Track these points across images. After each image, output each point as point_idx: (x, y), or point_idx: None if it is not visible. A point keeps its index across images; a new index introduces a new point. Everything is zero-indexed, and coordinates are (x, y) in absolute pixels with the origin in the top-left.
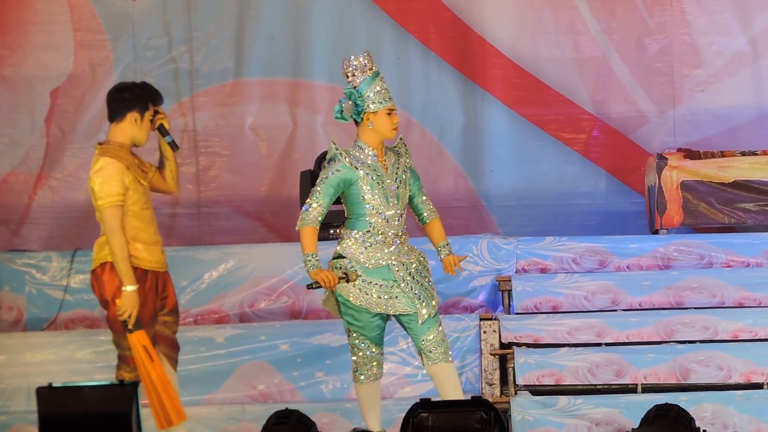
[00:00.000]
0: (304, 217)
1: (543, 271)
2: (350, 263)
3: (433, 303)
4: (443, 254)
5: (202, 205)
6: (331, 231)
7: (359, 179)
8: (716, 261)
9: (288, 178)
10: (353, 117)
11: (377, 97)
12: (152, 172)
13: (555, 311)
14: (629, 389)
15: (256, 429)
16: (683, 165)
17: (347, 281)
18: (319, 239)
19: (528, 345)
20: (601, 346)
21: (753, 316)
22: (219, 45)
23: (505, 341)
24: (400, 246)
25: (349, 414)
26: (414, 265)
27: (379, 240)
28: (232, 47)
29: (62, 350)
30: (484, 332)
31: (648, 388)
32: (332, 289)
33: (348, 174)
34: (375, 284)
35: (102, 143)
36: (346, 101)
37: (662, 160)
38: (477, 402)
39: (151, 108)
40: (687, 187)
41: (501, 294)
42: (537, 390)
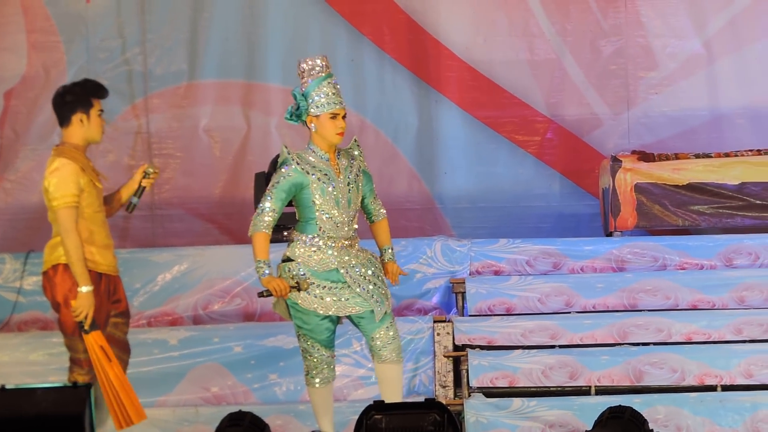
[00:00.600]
0: (257, 223)
1: (497, 274)
2: (299, 267)
3: (387, 302)
4: (386, 258)
5: (156, 207)
6: (285, 233)
7: (310, 183)
8: (670, 263)
9: (242, 180)
10: (298, 120)
11: (321, 100)
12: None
13: (509, 313)
14: (583, 391)
15: (210, 431)
16: (637, 167)
17: (299, 290)
18: (272, 241)
19: (481, 347)
20: (555, 348)
21: (707, 319)
22: (173, 47)
23: (459, 343)
24: (350, 249)
25: (303, 416)
26: (365, 266)
27: (329, 244)
28: (186, 49)
29: (15, 352)
30: (438, 334)
31: (601, 390)
32: (284, 297)
33: (299, 178)
34: (324, 287)
35: (57, 145)
36: (295, 103)
37: (616, 163)
38: (430, 404)
39: (97, 103)
40: (641, 190)
41: (455, 296)
42: (490, 392)
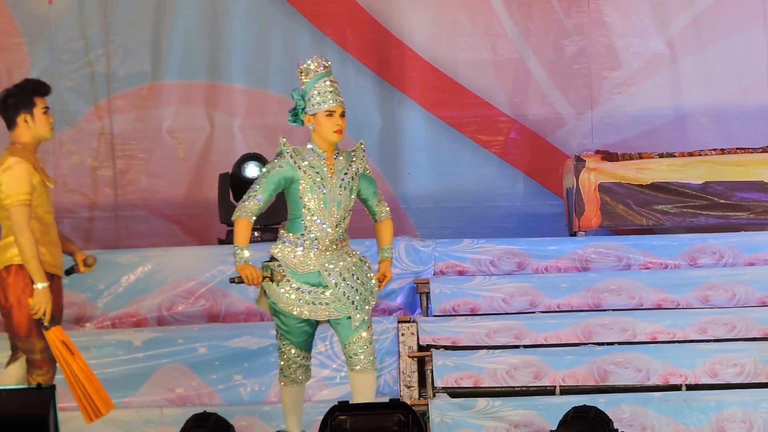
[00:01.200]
0: (240, 209)
1: (461, 274)
2: (280, 266)
3: (367, 308)
4: (381, 257)
5: (120, 209)
6: (256, 234)
7: (300, 179)
8: (634, 263)
9: (206, 181)
10: (297, 120)
11: (317, 99)
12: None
13: (473, 313)
14: (548, 391)
15: None
16: (601, 167)
17: (272, 280)
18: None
19: (446, 347)
20: (520, 348)
21: (671, 318)
22: (136, 48)
23: (423, 343)
24: (336, 251)
25: (268, 417)
26: (349, 270)
27: (313, 245)
28: (149, 50)
29: None
30: (402, 335)
31: (566, 390)
32: (256, 287)
33: (289, 172)
34: (303, 290)
35: (9, 146)
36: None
37: (580, 162)
38: (395, 404)
39: (40, 101)
40: (605, 189)
41: (419, 296)
42: (455, 392)
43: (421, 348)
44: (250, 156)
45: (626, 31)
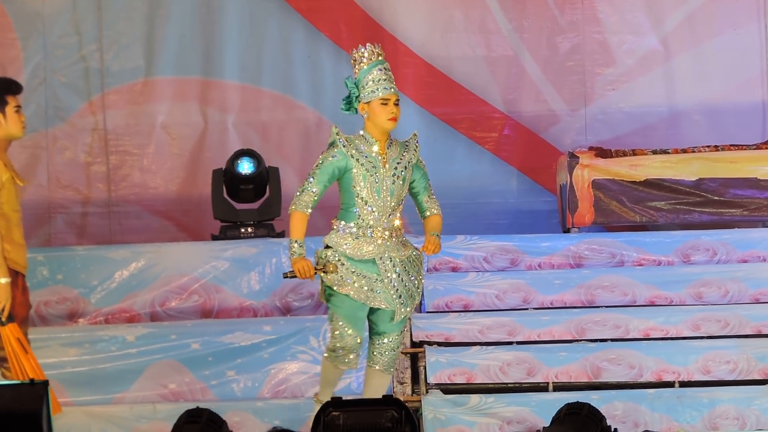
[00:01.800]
0: (297, 202)
1: (454, 270)
2: (336, 254)
3: (411, 305)
4: (429, 235)
5: (113, 204)
6: (242, 230)
7: (353, 168)
8: (628, 259)
9: (199, 177)
10: (351, 108)
11: (371, 87)
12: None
13: (466, 310)
14: (540, 388)
15: (167, 428)
16: (595, 163)
17: (325, 273)
18: (227, 238)
19: (439, 344)
20: (513, 345)
21: (664, 315)
22: (129, 43)
23: (417, 340)
24: (390, 240)
25: (261, 413)
26: (402, 262)
27: (368, 233)
28: (143, 45)
29: None
30: None
31: (559, 387)
32: (310, 279)
33: (342, 161)
34: (359, 274)
35: None
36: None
37: (573, 159)
38: (388, 401)
39: (11, 100)
40: (598, 186)
41: None
42: (448, 389)
43: (414, 344)
44: (244, 152)
45: (620, 28)
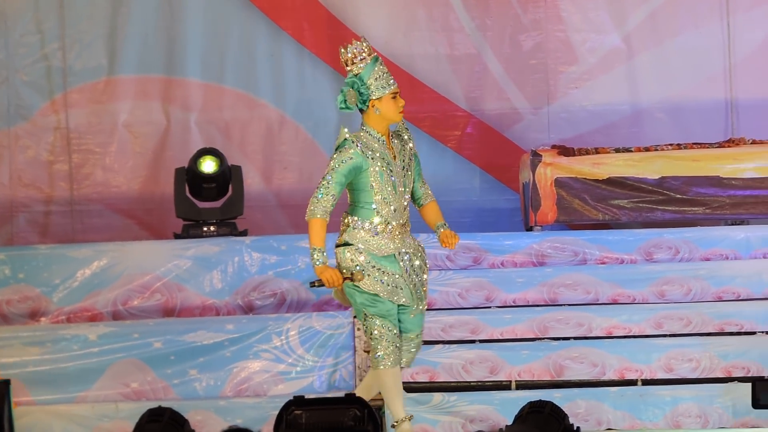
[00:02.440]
0: (314, 209)
1: None
2: (360, 253)
3: (425, 302)
4: (440, 231)
5: (76, 203)
6: (204, 229)
7: (370, 167)
8: (590, 258)
9: (161, 176)
10: (358, 106)
11: (379, 83)
12: None
13: (429, 308)
14: (503, 386)
15: (129, 427)
16: (557, 162)
17: (352, 281)
18: (190, 236)
19: None
20: (475, 343)
21: (627, 313)
22: (92, 42)
23: None
24: (405, 235)
25: (223, 411)
26: (415, 256)
27: (387, 229)
28: (105, 44)
29: None
30: (358, 329)
31: (522, 385)
32: (339, 288)
33: (359, 161)
34: (384, 271)
35: None
36: (349, 90)
37: (536, 157)
38: (351, 399)
39: None
40: (561, 184)
41: None
42: (411, 387)
43: None
44: (206, 150)
45: (583, 26)
